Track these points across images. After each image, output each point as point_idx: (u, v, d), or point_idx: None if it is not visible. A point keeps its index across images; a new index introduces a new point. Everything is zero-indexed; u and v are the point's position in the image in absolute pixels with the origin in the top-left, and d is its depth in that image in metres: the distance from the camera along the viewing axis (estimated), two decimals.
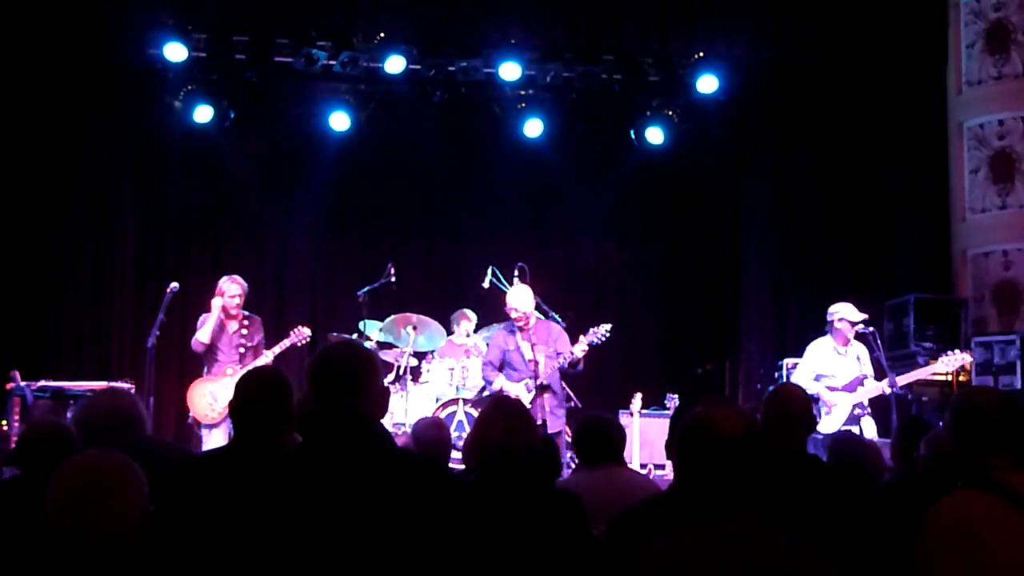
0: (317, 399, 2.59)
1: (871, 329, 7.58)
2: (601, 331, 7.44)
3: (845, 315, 7.61)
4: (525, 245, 10.09)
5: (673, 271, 11.19)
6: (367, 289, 8.76)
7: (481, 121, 10.48)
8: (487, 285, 8.57)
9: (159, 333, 7.73)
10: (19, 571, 2.52)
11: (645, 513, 3.18)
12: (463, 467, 4.40)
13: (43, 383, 7.61)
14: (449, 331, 9.13)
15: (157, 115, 9.81)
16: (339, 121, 10.02)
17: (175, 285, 7.83)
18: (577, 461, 4.52)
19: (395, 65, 9.43)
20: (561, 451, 7.01)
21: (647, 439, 8.26)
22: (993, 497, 2.60)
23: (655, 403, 9.01)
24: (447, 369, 8.69)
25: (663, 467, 8.13)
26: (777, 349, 9.85)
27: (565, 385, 7.76)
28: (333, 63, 9.45)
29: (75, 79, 9.48)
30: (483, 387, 8.25)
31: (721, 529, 2.16)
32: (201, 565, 2.71)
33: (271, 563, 2.43)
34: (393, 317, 8.81)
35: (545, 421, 7.28)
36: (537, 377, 7.39)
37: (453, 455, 5.85)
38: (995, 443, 2.76)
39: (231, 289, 7.85)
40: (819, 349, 7.75)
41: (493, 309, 9.19)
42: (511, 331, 7.68)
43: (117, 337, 9.62)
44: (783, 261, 10.35)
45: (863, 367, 7.66)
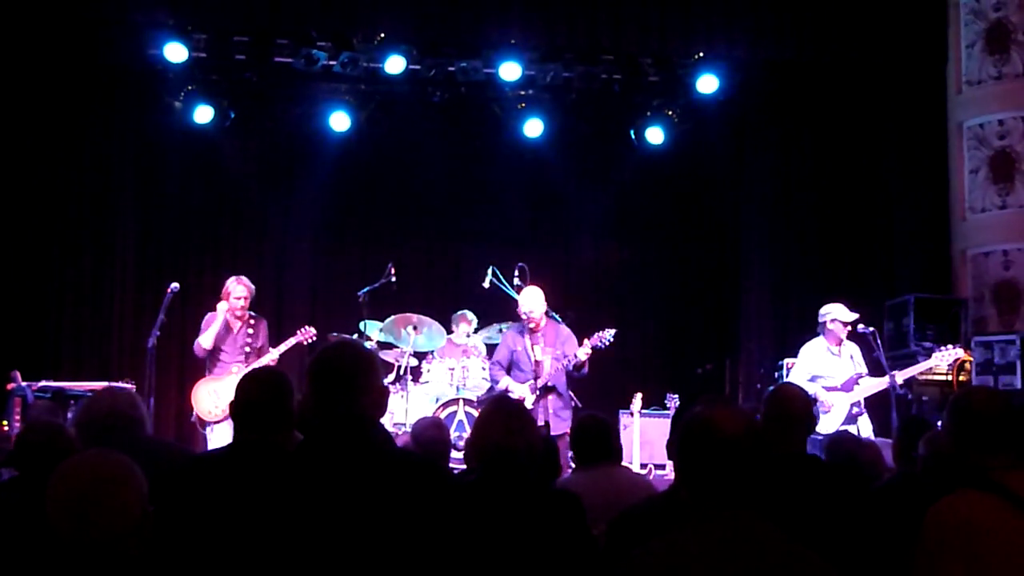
0: (317, 399, 2.59)
1: (871, 329, 7.57)
2: (606, 336, 7.44)
3: (837, 315, 7.61)
4: (525, 245, 10.09)
5: (673, 271, 11.19)
6: (367, 289, 8.76)
7: (481, 121, 10.48)
8: (487, 285, 8.57)
9: (159, 333, 7.75)
10: (19, 572, 2.52)
11: (645, 513, 3.18)
12: (463, 467, 4.41)
13: (44, 383, 7.61)
14: (449, 331, 9.13)
15: (157, 116, 9.81)
16: (339, 121, 10.02)
17: (175, 285, 7.85)
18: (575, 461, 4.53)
19: (395, 65, 9.42)
20: (565, 453, 7.02)
21: (647, 439, 8.27)
22: (992, 497, 2.60)
23: (655, 403, 9.01)
24: (447, 369, 8.70)
25: (663, 467, 8.13)
26: (777, 349, 9.85)
27: (566, 386, 7.75)
28: (333, 63, 9.45)
29: (75, 80, 9.48)
30: (489, 387, 8.26)
31: (722, 529, 2.17)
32: (201, 566, 2.71)
33: (271, 564, 2.43)
34: (393, 317, 8.81)
35: (548, 422, 7.28)
36: (539, 378, 7.39)
37: (453, 455, 5.86)
38: (994, 443, 2.76)
39: (237, 290, 7.89)
40: (813, 350, 7.75)
41: (494, 310, 9.20)
42: (521, 332, 7.70)
43: (117, 337, 9.62)
44: (783, 261, 10.35)
45: (857, 366, 7.66)
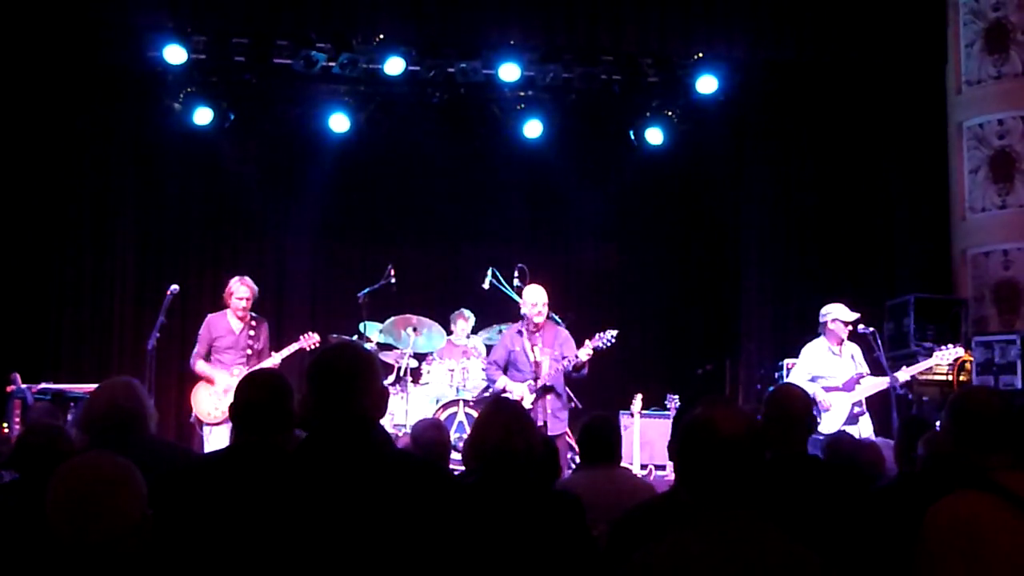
0: (317, 400, 2.58)
1: (871, 329, 7.58)
2: (607, 336, 7.43)
3: (838, 315, 7.62)
4: (525, 246, 10.10)
5: (673, 271, 11.19)
6: (367, 291, 8.76)
7: (481, 122, 10.48)
8: (487, 286, 8.56)
9: (159, 335, 7.74)
10: (20, 574, 2.52)
11: (646, 515, 3.17)
12: (462, 469, 4.40)
13: (44, 385, 7.61)
14: (449, 332, 9.12)
15: (157, 117, 9.80)
16: (339, 123, 10.02)
17: (175, 287, 7.83)
18: (579, 461, 4.52)
19: (394, 66, 9.43)
20: (563, 453, 7.01)
21: (647, 440, 8.26)
22: (992, 498, 2.59)
23: (655, 404, 9.00)
24: (447, 370, 8.69)
25: (664, 468, 8.13)
26: (777, 349, 9.84)
27: (566, 387, 7.74)
28: (332, 65, 9.45)
29: (75, 82, 9.48)
30: (486, 386, 8.24)
31: (722, 530, 2.16)
32: (201, 568, 2.71)
33: (272, 565, 2.43)
34: (393, 319, 8.81)
35: (546, 423, 7.27)
36: (538, 378, 7.38)
37: (453, 456, 5.85)
38: (993, 443, 2.75)
39: (240, 291, 7.88)
40: (814, 351, 7.76)
41: (494, 311, 9.19)
42: (520, 332, 7.65)
43: (117, 339, 9.63)
44: (783, 261, 10.34)
45: (858, 366, 7.66)
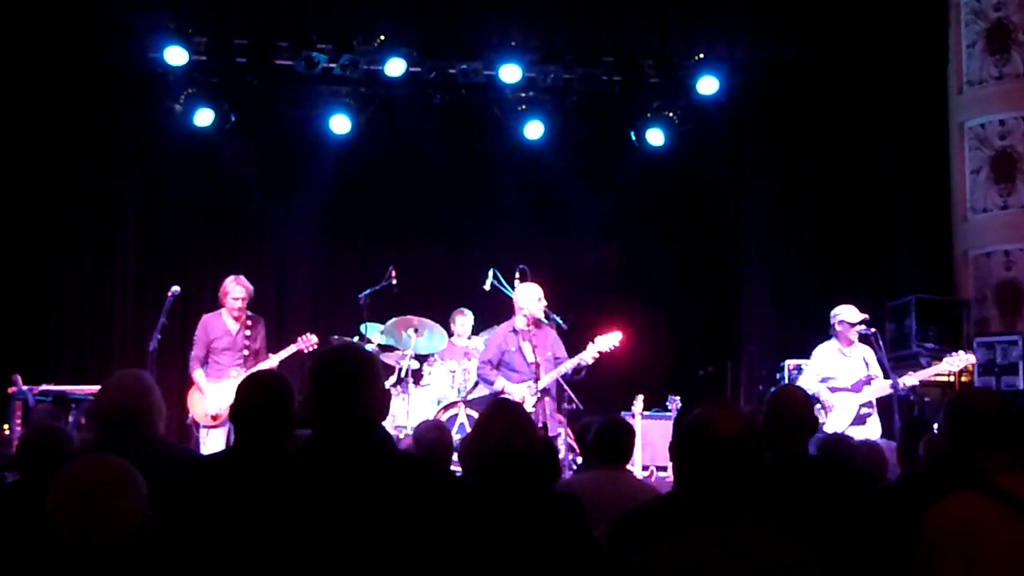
0: (318, 402, 2.58)
1: (872, 330, 7.59)
2: (611, 339, 7.43)
3: (844, 317, 7.65)
4: (526, 247, 10.08)
5: (674, 272, 11.18)
6: (368, 292, 8.75)
7: (481, 123, 10.48)
8: (488, 287, 8.56)
9: (160, 336, 7.71)
10: (20, 574, 2.52)
11: (648, 516, 3.18)
12: (461, 471, 4.41)
13: (45, 387, 7.60)
14: (450, 333, 9.12)
15: (158, 119, 9.82)
16: (339, 124, 10.02)
17: (176, 289, 7.80)
18: (581, 460, 4.52)
19: (395, 68, 9.43)
20: (561, 453, 7.00)
21: (649, 441, 8.25)
22: (989, 499, 2.58)
23: (657, 405, 9.00)
24: (448, 372, 8.69)
25: (665, 469, 8.13)
26: (778, 350, 9.84)
27: (566, 387, 7.74)
28: (333, 66, 9.45)
29: (76, 83, 9.49)
30: (476, 384, 8.18)
31: (722, 532, 2.15)
32: (202, 569, 2.70)
33: (273, 566, 2.43)
34: (394, 320, 8.80)
35: (546, 424, 7.26)
36: (538, 380, 7.36)
37: (454, 457, 5.85)
38: (990, 444, 2.74)
39: (235, 290, 7.79)
40: (824, 352, 7.79)
41: (495, 312, 9.18)
42: (514, 331, 7.61)
43: (118, 340, 9.63)
44: (784, 262, 10.35)
45: (870, 368, 7.64)
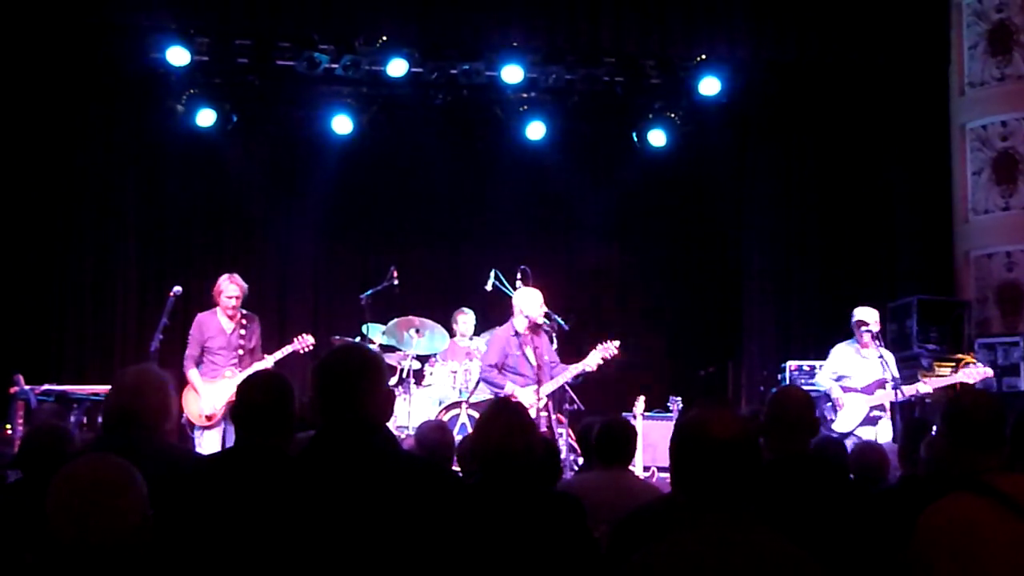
0: (323, 402, 2.59)
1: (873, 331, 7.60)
2: (611, 347, 7.46)
3: (858, 317, 7.68)
4: (527, 248, 10.08)
5: (675, 273, 11.18)
6: (370, 292, 8.75)
7: (483, 124, 10.48)
8: (490, 288, 8.56)
9: (162, 337, 7.70)
10: (21, 574, 2.52)
11: (649, 517, 3.18)
12: (462, 471, 4.41)
13: (47, 387, 7.61)
14: (452, 334, 9.11)
15: (159, 119, 9.82)
16: (341, 124, 10.03)
17: (178, 289, 7.78)
18: (583, 461, 4.52)
19: (397, 68, 9.43)
20: (562, 454, 7.01)
21: (650, 442, 8.25)
22: (985, 500, 2.58)
23: (658, 406, 8.99)
24: (450, 372, 8.68)
25: (666, 470, 8.10)
26: (779, 351, 9.85)
27: (567, 388, 7.75)
28: (335, 66, 9.45)
29: (78, 83, 9.50)
30: (477, 385, 8.18)
31: (719, 532, 2.15)
32: (202, 570, 2.70)
33: (274, 566, 2.43)
34: (396, 320, 8.79)
35: (551, 427, 7.27)
36: (542, 384, 7.37)
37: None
38: (986, 445, 2.74)
39: (229, 289, 7.72)
40: (841, 351, 7.83)
41: (496, 312, 9.18)
42: (515, 334, 7.60)
43: (120, 341, 9.63)
44: (785, 263, 10.35)
45: (887, 370, 7.50)
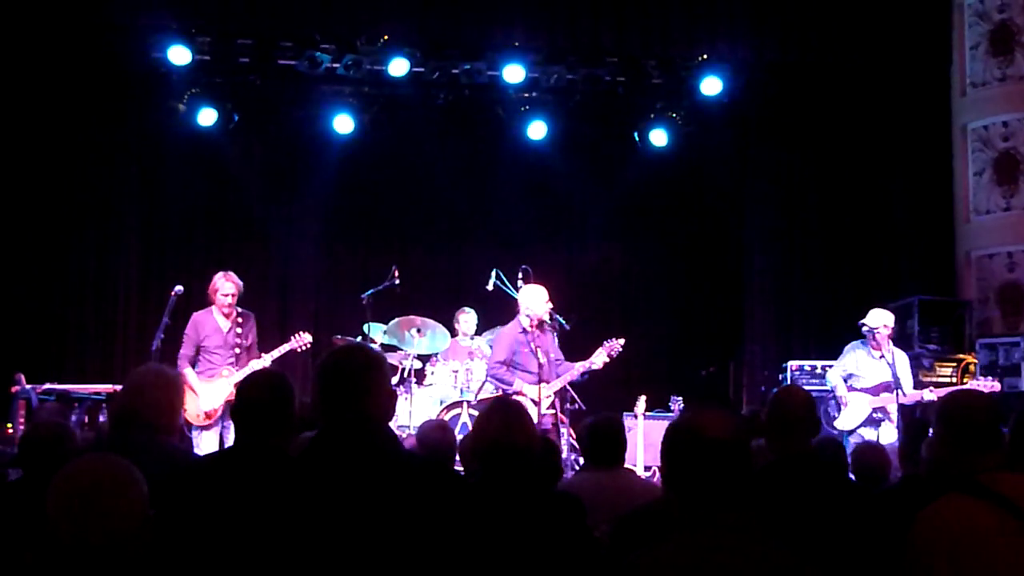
0: (325, 401, 2.58)
1: (865, 329, 7.63)
2: (616, 345, 7.50)
3: (865, 320, 7.67)
4: (529, 247, 10.08)
5: (677, 273, 11.18)
6: (371, 292, 8.75)
7: (485, 124, 10.48)
8: (491, 288, 8.56)
9: (164, 336, 7.70)
10: (21, 573, 2.52)
11: (649, 516, 3.18)
12: (464, 470, 4.40)
13: (48, 386, 7.62)
14: (453, 333, 9.12)
15: (161, 118, 9.83)
16: (343, 124, 10.03)
17: (179, 288, 7.77)
18: (583, 462, 4.51)
19: (399, 68, 9.43)
20: (564, 453, 7.01)
21: (651, 441, 8.24)
22: (979, 501, 2.57)
23: (659, 405, 8.99)
24: (451, 372, 8.68)
25: None
26: (781, 351, 9.85)
27: (568, 387, 7.75)
28: (337, 66, 9.46)
29: (79, 82, 9.51)
30: (483, 384, 8.18)
31: (708, 534, 2.14)
32: (203, 569, 2.70)
33: (275, 566, 2.43)
34: (397, 320, 8.80)
35: (556, 425, 7.28)
36: (549, 382, 7.37)
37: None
38: (981, 445, 2.73)
39: (225, 287, 7.64)
40: (851, 350, 7.85)
41: (498, 312, 9.18)
42: (523, 331, 7.58)
43: (121, 340, 9.64)
44: (787, 263, 10.35)
45: (896, 373, 7.44)
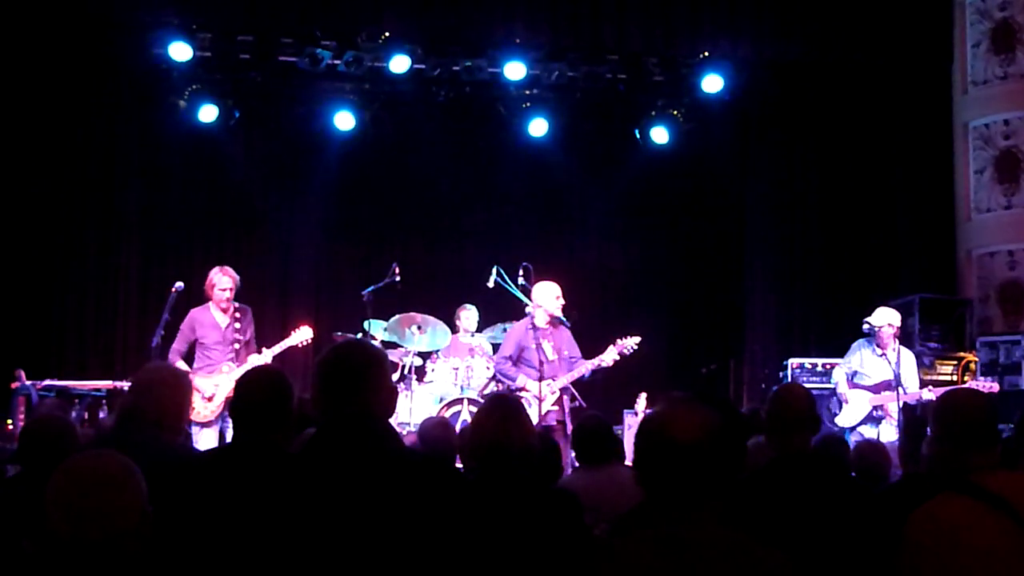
0: (326, 398, 2.58)
1: (866, 328, 7.63)
2: (630, 343, 7.48)
3: (879, 318, 7.64)
4: (530, 244, 10.08)
5: (677, 270, 11.18)
6: (372, 289, 8.75)
7: (486, 121, 10.48)
8: (492, 285, 8.55)
9: (164, 332, 7.69)
10: (20, 570, 2.52)
11: (648, 514, 3.17)
12: (462, 467, 4.40)
13: (48, 382, 7.60)
14: (454, 330, 9.11)
15: (162, 115, 9.82)
16: (344, 121, 10.03)
17: (180, 284, 7.75)
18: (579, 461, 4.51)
19: (400, 64, 9.42)
20: (568, 451, 7.01)
21: None
22: (972, 501, 2.57)
23: None
24: (452, 369, 8.68)
25: None
26: (781, 349, 9.85)
27: (570, 385, 7.75)
28: (338, 63, 9.45)
29: (80, 79, 9.51)
30: (488, 381, 8.18)
31: (676, 531, 2.11)
32: (201, 566, 2.70)
33: (274, 563, 2.43)
34: (398, 317, 8.79)
35: (563, 422, 7.29)
36: (556, 378, 7.38)
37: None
38: (976, 444, 2.73)
39: (222, 282, 7.58)
40: (857, 348, 7.85)
41: (498, 309, 9.18)
42: (533, 327, 7.55)
43: (122, 336, 9.64)
44: (788, 261, 10.35)
45: (900, 371, 7.44)
